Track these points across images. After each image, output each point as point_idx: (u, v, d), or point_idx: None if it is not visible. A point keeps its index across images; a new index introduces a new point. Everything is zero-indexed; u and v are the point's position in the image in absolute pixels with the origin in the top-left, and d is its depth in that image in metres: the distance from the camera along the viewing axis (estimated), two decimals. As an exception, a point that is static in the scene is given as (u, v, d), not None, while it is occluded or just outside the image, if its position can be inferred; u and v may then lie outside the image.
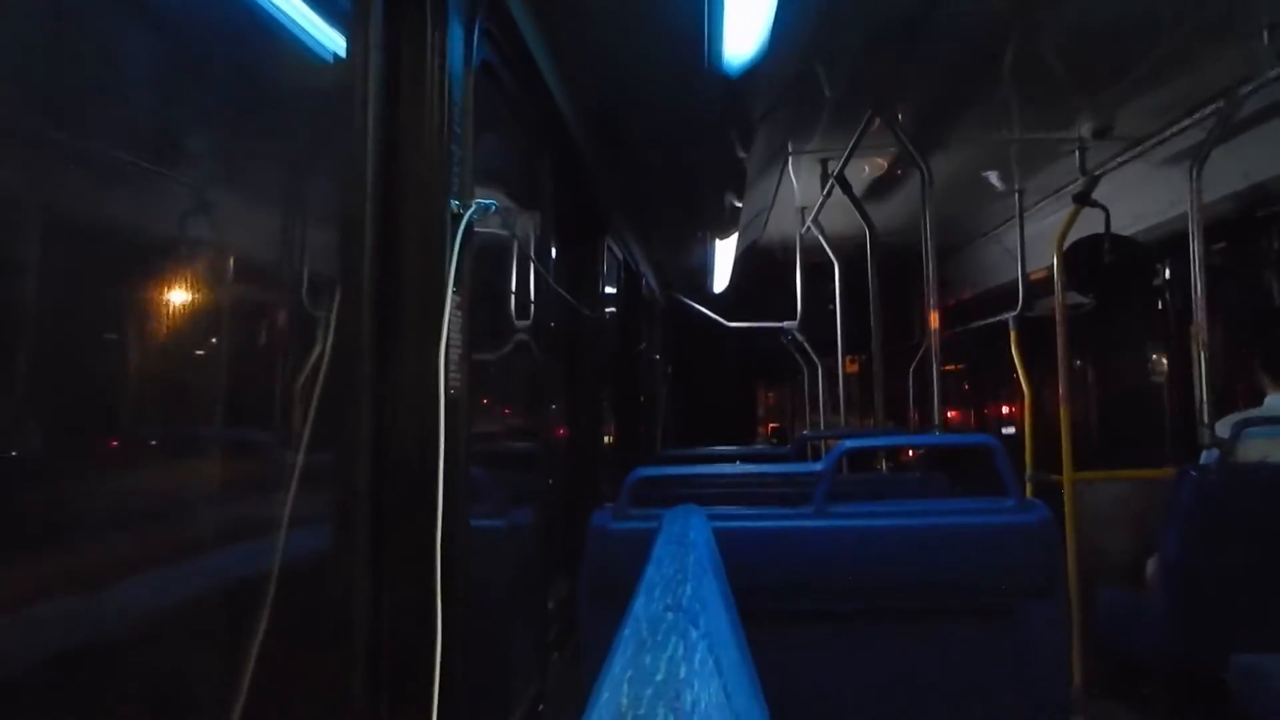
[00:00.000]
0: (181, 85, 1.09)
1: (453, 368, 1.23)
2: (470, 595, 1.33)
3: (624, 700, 0.75)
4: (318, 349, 1.19)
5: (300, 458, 1.15)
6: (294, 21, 1.22)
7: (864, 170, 4.45)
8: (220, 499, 1.18)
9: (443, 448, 1.17)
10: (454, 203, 1.26)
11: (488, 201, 1.30)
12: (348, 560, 1.16)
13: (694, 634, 0.92)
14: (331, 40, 1.27)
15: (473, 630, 1.61)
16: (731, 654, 1.18)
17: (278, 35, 1.22)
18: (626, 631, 0.94)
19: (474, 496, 2.04)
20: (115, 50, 1.00)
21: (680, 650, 0.86)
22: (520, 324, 2.51)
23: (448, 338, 1.20)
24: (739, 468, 3.19)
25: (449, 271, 1.22)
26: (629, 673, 0.80)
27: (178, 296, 1.06)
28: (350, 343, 1.18)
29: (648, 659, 0.83)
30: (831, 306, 5.01)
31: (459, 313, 1.26)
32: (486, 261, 2.14)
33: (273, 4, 1.18)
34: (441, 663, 1.12)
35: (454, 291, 1.22)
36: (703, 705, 0.75)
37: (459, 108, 1.30)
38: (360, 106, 1.19)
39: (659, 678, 0.79)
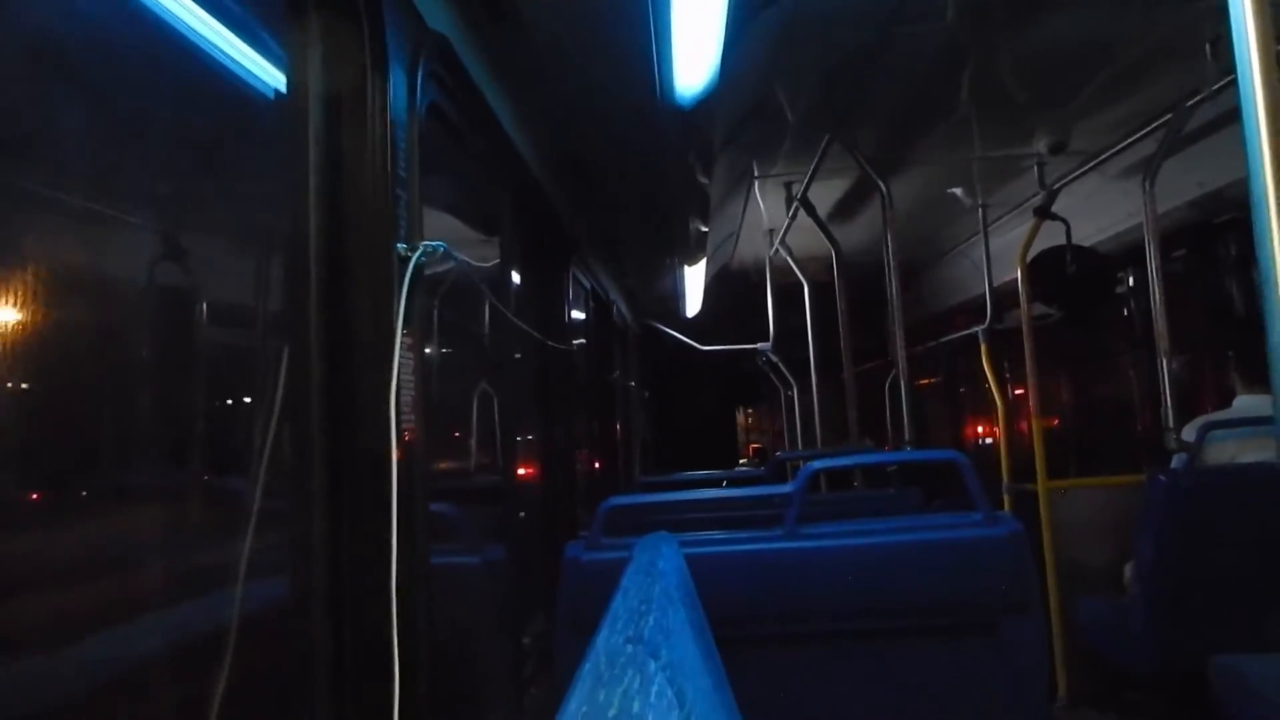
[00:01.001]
0: (121, 129, 1.09)
1: (405, 409, 1.23)
2: (434, 635, 1.33)
3: (576, 738, 0.75)
4: (270, 394, 1.19)
5: (256, 503, 1.14)
6: (237, 64, 1.23)
7: (829, 191, 4.50)
8: (177, 546, 1.18)
9: (395, 488, 1.17)
10: (401, 246, 1.27)
11: (436, 243, 1.31)
12: (305, 604, 1.16)
13: (652, 666, 0.92)
14: (272, 85, 1.28)
15: (445, 668, 1.60)
16: (700, 683, 1.18)
17: (219, 77, 1.23)
18: (587, 666, 0.94)
19: (444, 535, 2.04)
20: (55, 93, 1.00)
21: (636, 684, 0.86)
22: (488, 359, 2.51)
23: (399, 379, 1.20)
24: (712, 492, 3.18)
25: (398, 314, 1.23)
26: (583, 709, 0.81)
27: (116, 342, 1.06)
28: (302, 388, 1.19)
29: (602, 695, 0.83)
30: (803, 327, 5.04)
31: (410, 354, 1.26)
32: (451, 299, 2.14)
33: (214, 46, 1.19)
34: (401, 698, 1.11)
35: (404, 333, 1.23)
36: None
37: (403, 151, 1.31)
38: (302, 153, 1.20)
39: (612, 713, 0.79)
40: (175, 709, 1.13)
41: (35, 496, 1.01)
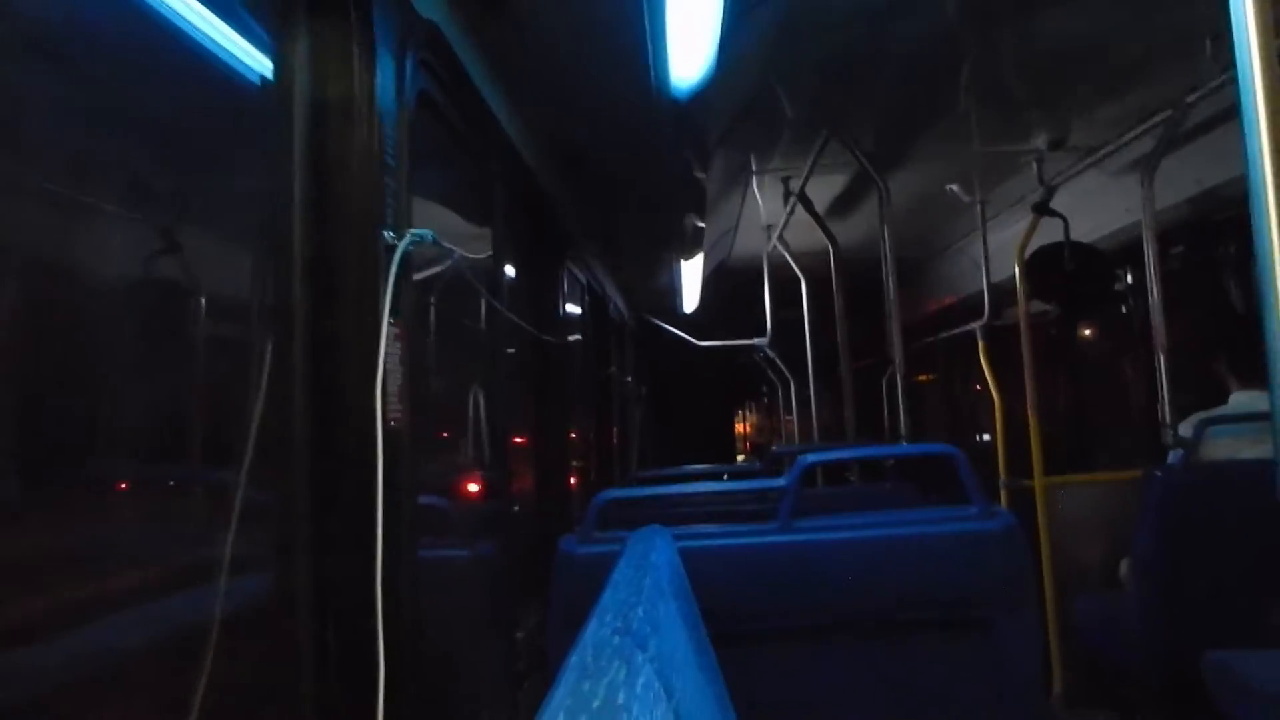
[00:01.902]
0: (105, 116, 1.08)
1: (392, 399, 1.22)
2: (425, 631, 1.32)
3: (558, 730, 0.74)
4: (254, 385, 1.18)
5: (240, 495, 1.13)
6: (222, 49, 1.22)
7: (826, 187, 4.49)
8: (160, 539, 1.16)
9: (381, 480, 1.16)
10: (388, 234, 1.26)
11: (423, 231, 1.30)
12: (288, 598, 1.15)
13: (640, 658, 0.91)
14: (258, 71, 1.27)
15: (437, 662, 1.59)
16: (690, 676, 1.17)
17: (204, 63, 1.21)
18: (573, 659, 0.93)
19: (436, 529, 2.02)
20: (38, 81, 0.99)
21: (622, 675, 0.85)
22: (481, 352, 2.50)
23: (385, 369, 1.19)
24: (707, 486, 3.17)
25: (384, 303, 1.22)
26: (567, 701, 0.80)
27: (104, 334, 1.05)
28: (286, 378, 1.17)
29: (587, 686, 0.82)
30: (801, 323, 5.04)
31: (398, 344, 1.25)
32: (444, 292, 2.13)
33: (199, 31, 1.17)
34: (385, 697, 1.10)
35: (391, 323, 1.21)
36: None
37: (391, 139, 1.30)
38: (287, 139, 1.19)
39: (596, 704, 0.78)
40: (157, 706, 1.12)
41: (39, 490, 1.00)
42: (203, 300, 1.26)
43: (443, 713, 1.86)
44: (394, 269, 1.24)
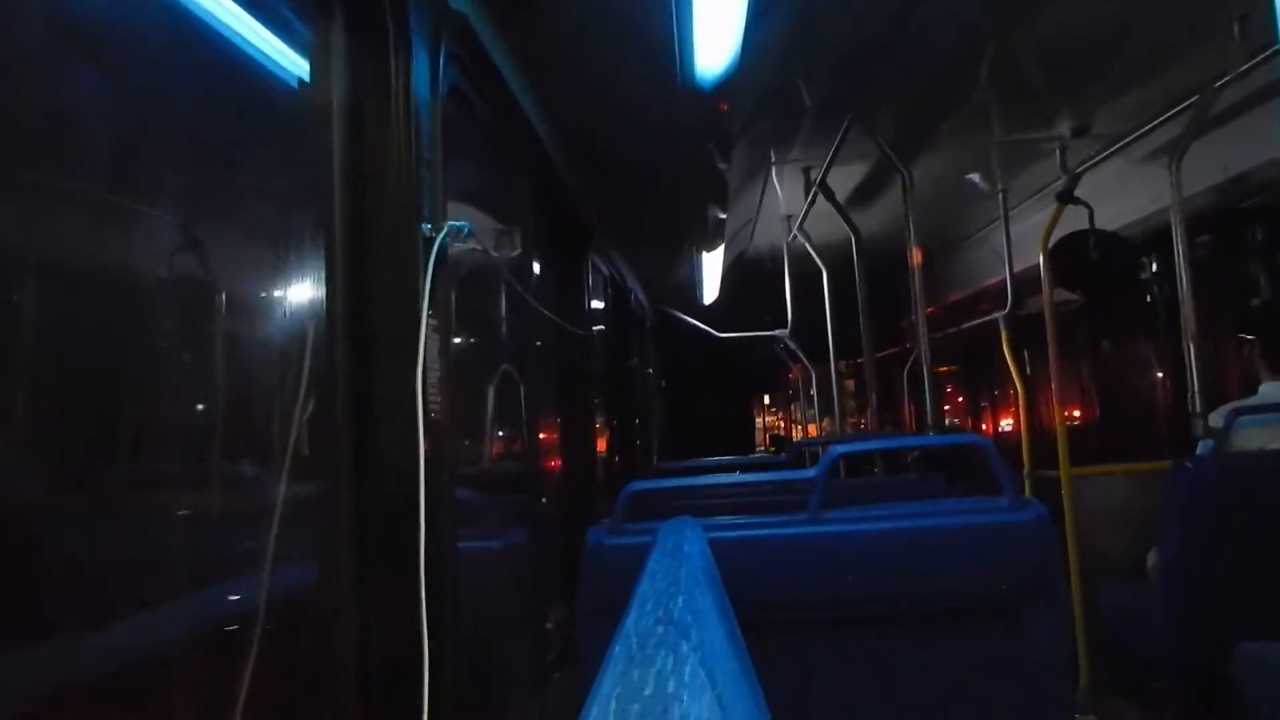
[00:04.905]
0: (143, 115, 1.09)
1: (431, 390, 1.23)
2: (460, 618, 1.32)
3: (611, 718, 0.75)
4: (295, 378, 1.18)
5: (283, 488, 1.14)
6: (257, 49, 1.22)
7: (847, 177, 4.47)
8: (205, 531, 1.17)
9: (423, 470, 1.16)
10: (425, 226, 1.27)
11: (460, 223, 1.30)
12: (332, 588, 1.16)
13: (685, 646, 0.91)
14: (296, 68, 1.27)
15: (469, 653, 1.60)
16: (729, 665, 1.17)
17: (240, 63, 1.22)
18: (617, 648, 0.93)
19: (466, 520, 2.04)
20: (74, 81, 0.99)
21: (670, 664, 0.85)
22: (508, 343, 2.51)
23: (425, 361, 1.19)
24: (733, 477, 3.17)
25: (423, 295, 1.22)
26: (617, 689, 0.80)
27: (146, 330, 1.06)
28: (327, 371, 1.18)
29: (636, 674, 0.83)
30: (822, 313, 5.02)
31: (436, 335, 1.25)
32: (470, 284, 2.14)
33: (234, 33, 1.18)
34: (430, 686, 1.11)
35: (429, 315, 1.22)
36: (692, 719, 0.75)
37: (426, 132, 1.30)
38: (325, 134, 1.20)
39: (647, 693, 0.79)
40: (201, 698, 1.13)
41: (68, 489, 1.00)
42: (244, 299, 1.27)
43: (477, 701, 1.87)
44: (431, 261, 1.25)
